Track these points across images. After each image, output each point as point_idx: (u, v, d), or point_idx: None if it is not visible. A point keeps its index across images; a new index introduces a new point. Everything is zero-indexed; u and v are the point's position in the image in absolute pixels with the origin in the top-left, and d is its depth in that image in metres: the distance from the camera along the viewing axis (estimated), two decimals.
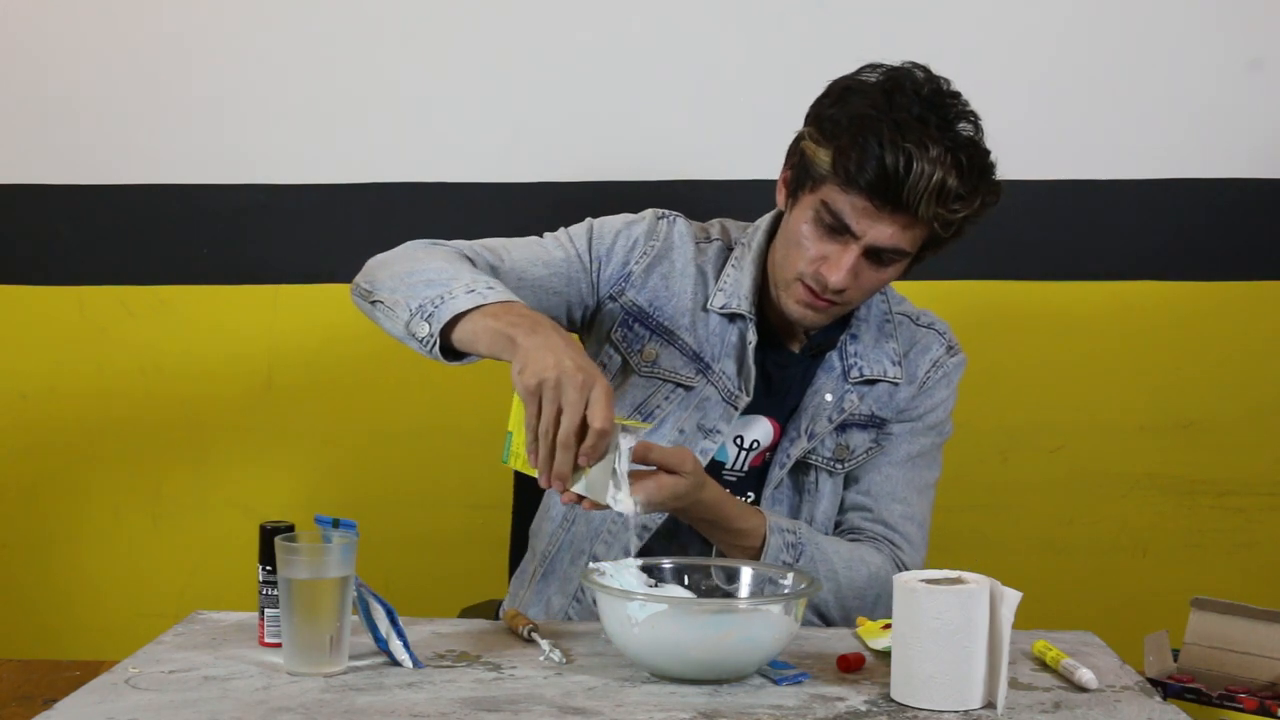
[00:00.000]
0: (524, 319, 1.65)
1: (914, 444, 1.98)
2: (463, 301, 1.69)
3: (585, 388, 1.58)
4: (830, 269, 1.82)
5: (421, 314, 1.71)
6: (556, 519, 1.96)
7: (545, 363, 1.59)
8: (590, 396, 1.58)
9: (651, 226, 1.97)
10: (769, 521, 1.83)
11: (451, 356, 1.72)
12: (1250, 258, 2.71)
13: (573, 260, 1.94)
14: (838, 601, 1.85)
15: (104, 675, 1.54)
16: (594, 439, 1.58)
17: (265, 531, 1.62)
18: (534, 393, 1.59)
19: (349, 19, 2.71)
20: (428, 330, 1.70)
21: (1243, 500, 2.72)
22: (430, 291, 1.72)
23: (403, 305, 1.73)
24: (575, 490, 1.64)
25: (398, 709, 1.44)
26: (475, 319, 1.68)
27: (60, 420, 2.77)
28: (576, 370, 1.58)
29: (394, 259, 1.83)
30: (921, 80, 1.80)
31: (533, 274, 1.90)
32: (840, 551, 1.87)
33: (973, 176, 1.78)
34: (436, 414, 2.72)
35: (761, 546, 1.81)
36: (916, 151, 1.74)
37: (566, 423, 1.58)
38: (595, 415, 1.58)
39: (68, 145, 2.74)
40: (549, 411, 1.59)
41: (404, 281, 1.76)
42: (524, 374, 1.60)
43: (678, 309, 1.94)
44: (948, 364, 2.01)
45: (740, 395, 1.91)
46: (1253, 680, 1.70)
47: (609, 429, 1.58)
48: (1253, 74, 2.67)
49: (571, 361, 1.59)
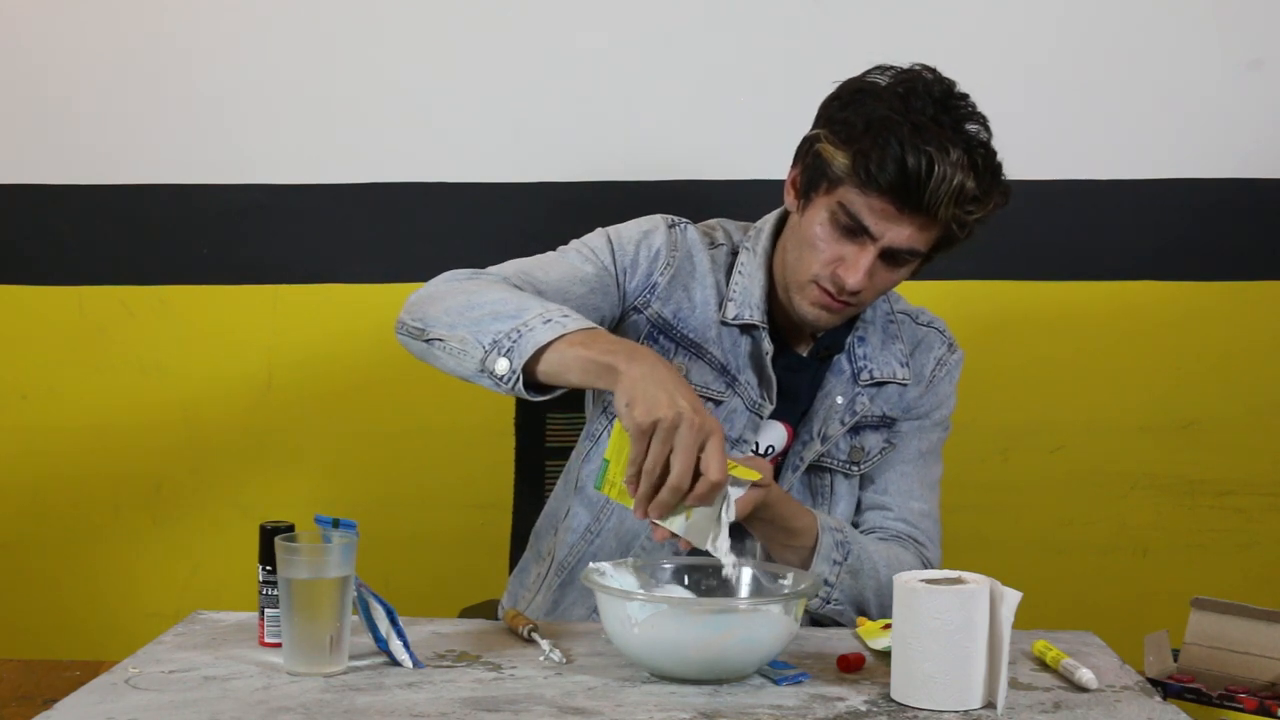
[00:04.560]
0: (620, 346, 1.61)
1: (923, 441, 1.99)
2: (542, 333, 1.63)
3: (702, 433, 1.54)
4: (847, 270, 1.81)
5: (498, 350, 1.64)
6: (578, 529, 1.94)
7: (659, 400, 1.54)
8: (706, 444, 1.55)
9: (669, 237, 1.94)
10: (820, 520, 1.83)
11: (533, 390, 1.67)
12: (1250, 258, 2.71)
13: (603, 274, 1.90)
14: (877, 599, 1.84)
15: (104, 675, 1.54)
16: (706, 489, 1.55)
17: (265, 531, 1.62)
18: (646, 431, 1.55)
19: (349, 19, 2.72)
20: (509, 366, 1.63)
21: (1243, 500, 2.72)
22: (501, 325, 1.66)
23: (472, 342, 1.67)
24: (673, 529, 1.60)
25: (398, 709, 1.44)
26: (561, 349, 1.62)
27: (60, 420, 2.77)
28: (694, 414, 1.54)
29: (444, 293, 1.75)
30: (932, 82, 1.80)
31: (576, 293, 1.85)
32: (880, 551, 1.88)
33: (987, 178, 1.79)
34: (436, 414, 2.72)
35: (814, 546, 1.81)
36: (938, 154, 1.74)
37: (679, 468, 1.54)
38: (711, 467, 1.54)
39: (68, 145, 2.74)
40: (659, 452, 1.55)
41: (465, 316, 1.69)
42: (634, 409, 1.55)
43: (703, 322, 1.92)
44: (950, 361, 2.01)
45: (764, 404, 1.91)
46: (1253, 680, 1.69)
47: (723, 481, 1.55)
48: (1253, 74, 2.67)
49: (688, 403, 1.55)
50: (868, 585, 1.83)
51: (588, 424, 2.02)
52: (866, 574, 1.83)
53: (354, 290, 2.74)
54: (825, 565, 1.80)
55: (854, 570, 1.82)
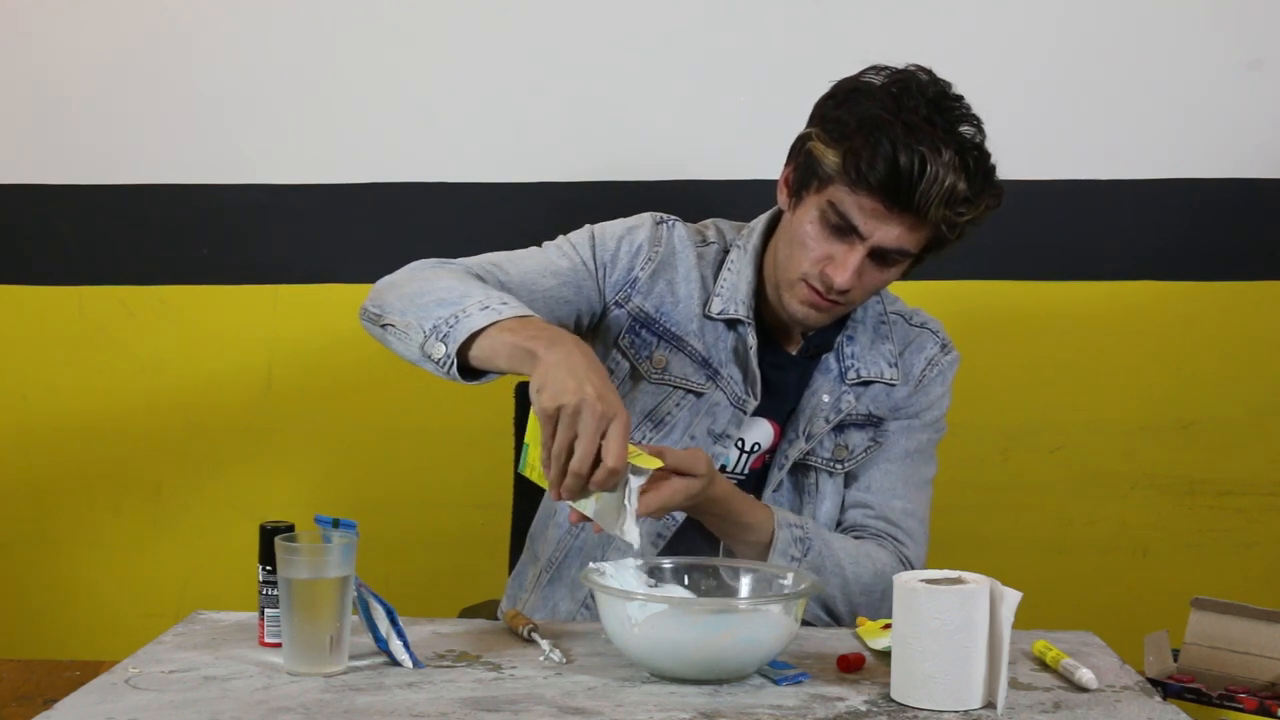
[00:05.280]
0: (543, 332, 1.63)
1: (911, 440, 1.99)
2: (478, 319, 1.66)
3: (603, 419, 1.55)
4: (836, 269, 1.82)
5: (436, 334, 1.68)
6: (564, 525, 1.96)
7: (566, 386, 1.56)
8: (608, 430, 1.56)
9: (653, 232, 1.96)
10: (776, 516, 1.83)
11: (469, 376, 1.69)
12: (1250, 258, 2.71)
13: (579, 268, 1.93)
14: (845, 597, 1.85)
15: (104, 675, 1.54)
16: (604, 475, 1.56)
17: (265, 531, 1.62)
18: (551, 416, 1.56)
19: (349, 19, 2.72)
20: (444, 350, 1.67)
21: (1243, 500, 2.72)
22: (443, 311, 1.69)
23: (415, 327, 1.70)
24: (585, 512, 1.62)
25: (398, 709, 1.44)
26: (492, 335, 1.65)
27: (60, 420, 2.77)
28: (597, 399, 1.55)
29: (401, 281, 1.80)
30: (926, 82, 1.81)
31: (542, 285, 1.88)
32: (846, 548, 1.88)
33: (979, 180, 1.80)
34: (436, 414, 2.72)
35: (770, 542, 1.82)
36: (929, 154, 1.75)
37: (580, 452, 1.56)
38: (609, 453, 1.55)
39: (68, 145, 2.74)
40: (564, 436, 1.56)
41: (414, 303, 1.73)
42: (542, 394, 1.57)
43: (685, 315, 1.94)
44: (943, 362, 2.01)
45: (748, 399, 1.92)
46: (1253, 680, 1.69)
47: (621, 468, 1.56)
48: (1253, 74, 2.67)
49: (593, 389, 1.56)
50: (831, 582, 1.84)
51: None
52: (829, 570, 1.84)
53: (354, 290, 2.72)
54: (782, 561, 1.81)
55: (815, 566, 1.82)
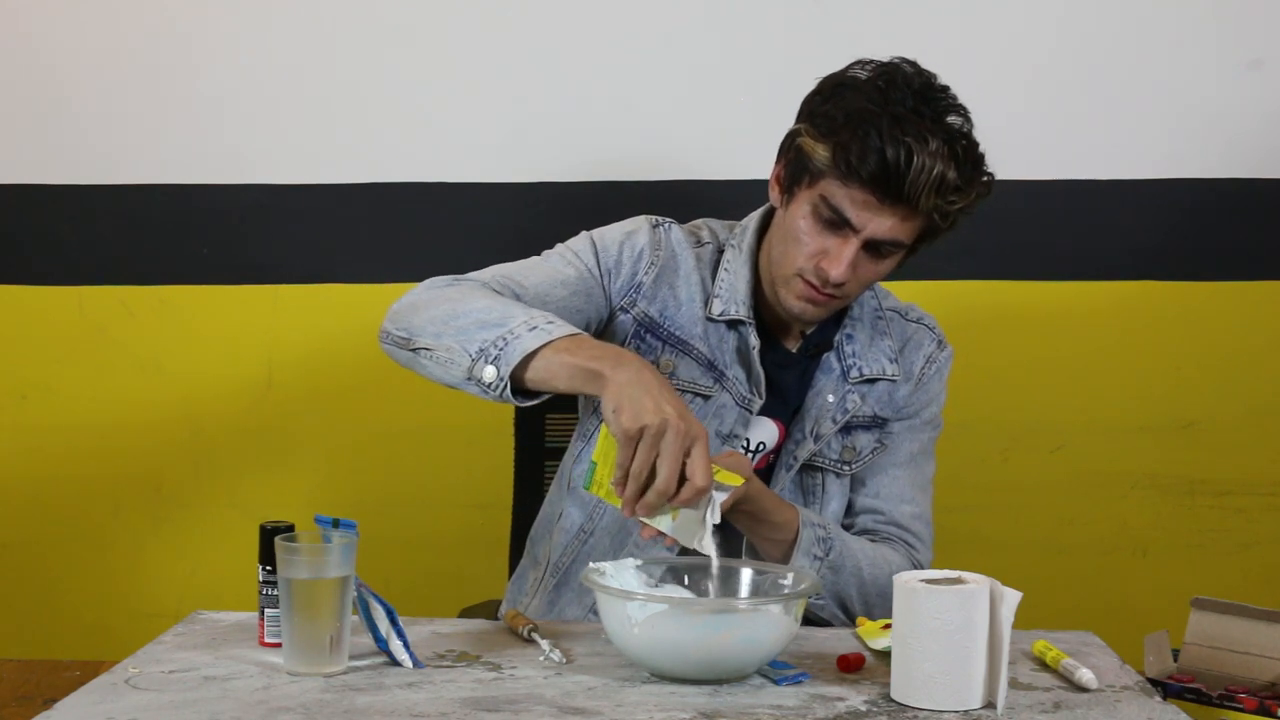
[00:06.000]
0: (605, 352, 1.63)
1: (914, 441, 1.99)
2: (529, 340, 1.65)
3: (687, 438, 1.56)
4: (831, 263, 1.82)
5: (485, 358, 1.66)
6: (571, 530, 1.95)
7: (644, 406, 1.56)
8: (691, 449, 1.56)
9: (652, 236, 1.96)
10: (801, 515, 1.84)
11: (520, 396, 1.68)
12: (1250, 258, 2.71)
13: (585, 276, 1.92)
14: (861, 597, 1.86)
15: (104, 675, 1.54)
16: (691, 494, 1.57)
17: (265, 531, 1.62)
18: (633, 438, 1.56)
19: (349, 19, 2.71)
20: (496, 374, 1.65)
21: (1243, 500, 2.72)
22: (487, 334, 1.67)
23: (459, 350, 1.68)
24: (660, 528, 1.62)
25: (398, 709, 1.44)
26: (547, 356, 1.64)
27: (60, 420, 2.77)
28: (679, 420, 1.56)
29: (425, 302, 1.77)
30: (911, 74, 1.82)
31: (556, 296, 1.87)
32: (865, 550, 1.89)
33: (968, 168, 1.80)
34: (436, 414, 2.72)
35: (794, 540, 1.82)
36: (916, 145, 1.75)
37: (665, 474, 1.56)
38: (697, 473, 1.56)
39: (68, 145, 2.74)
40: (646, 457, 1.56)
41: (450, 325, 1.71)
42: (621, 415, 1.57)
43: (689, 319, 1.93)
44: (940, 358, 2.02)
45: (754, 399, 1.92)
46: (1253, 680, 1.69)
47: (709, 487, 1.57)
48: (1253, 74, 2.67)
49: (672, 408, 1.57)
50: (850, 582, 1.85)
51: (579, 424, 2.02)
52: (849, 571, 1.85)
53: (354, 290, 2.74)
54: (805, 559, 1.81)
55: (835, 566, 1.84)
